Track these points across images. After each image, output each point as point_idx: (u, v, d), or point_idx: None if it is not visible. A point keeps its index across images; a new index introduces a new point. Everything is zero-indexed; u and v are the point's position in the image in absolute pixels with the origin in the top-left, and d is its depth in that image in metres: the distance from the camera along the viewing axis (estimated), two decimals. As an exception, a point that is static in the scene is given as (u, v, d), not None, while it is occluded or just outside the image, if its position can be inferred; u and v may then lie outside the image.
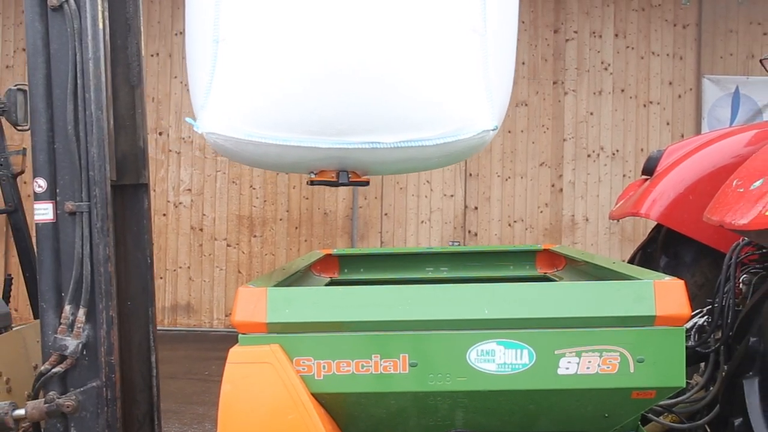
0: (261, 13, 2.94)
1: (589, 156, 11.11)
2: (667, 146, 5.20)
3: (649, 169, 5.05)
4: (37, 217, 3.28)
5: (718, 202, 3.78)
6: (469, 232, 11.13)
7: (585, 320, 2.82)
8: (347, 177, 3.28)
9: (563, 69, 11.17)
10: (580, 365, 2.80)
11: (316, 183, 3.33)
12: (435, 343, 2.82)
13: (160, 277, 10.88)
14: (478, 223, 11.14)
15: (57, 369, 3.21)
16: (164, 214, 11.05)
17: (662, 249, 4.99)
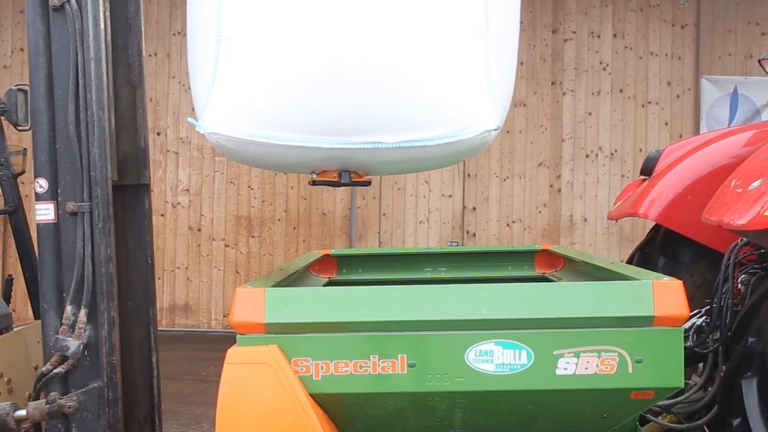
0: (263, 13, 2.94)
1: (587, 156, 11.11)
2: (666, 146, 5.21)
3: (648, 170, 5.05)
4: (38, 218, 3.28)
5: (717, 203, 3.79)
6: (468, 233, 11.13)
7: (583, 320, 2.82)
8: (349, 177, 3.28)
9: (561, 69, 11.17)
10: (578, 365, 2.80)
11: (318, 183, 3.33)
12: (433, 344, 2.82)
13: (158, 278, 10.76)
14: (477, 223, 11.13)
15: (58, 369, 3.22)
16: (162, 215, 11.03)
17: (661, 249, 4.99)
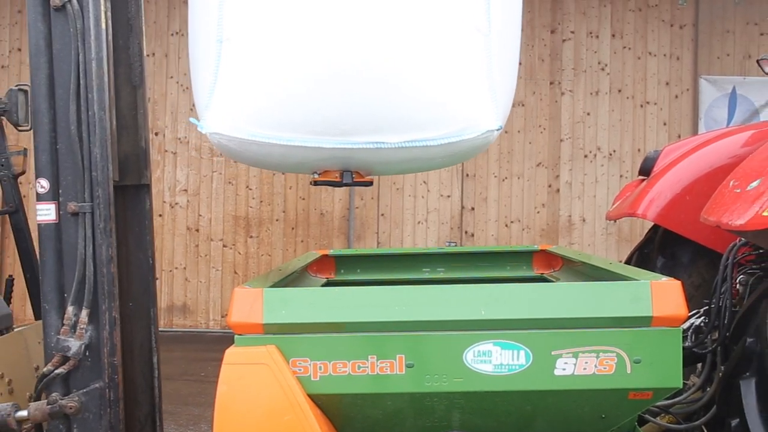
0: (265, 13, 2.95)
1: (585, 156, 11.11)
2: (664, 147, 5.21)
3: (646, 170, 5.06)
4: (39, 218, 3.28)
5: (715, 203, 3.79)
6: (466, 233, 11.12)
7: (582, 321, 2.82)
8: (351, 177, 3.28)
9: (560, 69, 11.17)
10: (576, 366, 2.80)
11: (319, 183, 3.33)
12: (431, 344, 2.82)
13: (156, 278, 10.82)
14: (475, 223, 11.13)
15: (60, 370, 3.22)
16: (160, 215, 11.00)
17: (659, 249, 4.99)
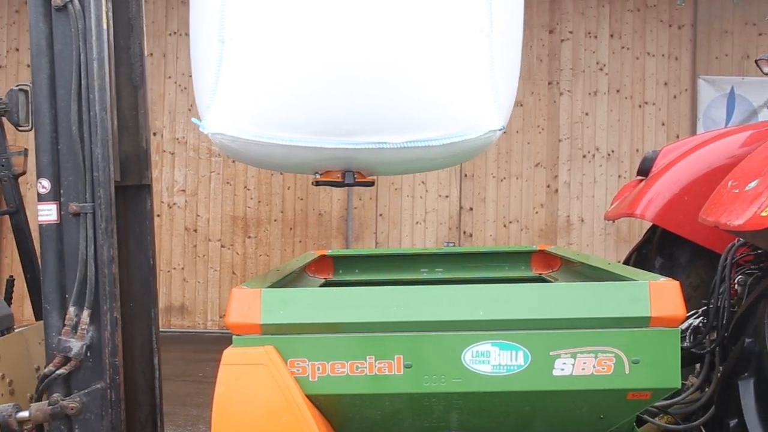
0: (267, 14, 2.95)
1: (584, 157, 11.12)
2: (663, 147, 5.22)
3: (645, 170, 5.05)
4: (40, 218, 3.27)
5: (714, 203, 3.80)
6: (464, 233, 11.13)
7: (580, 321, 2.82)
8: (353, 177, 3.28)
9: (558, 69, 11.17)
10: (575, 366, 2.80)
11: (321, 183, 3.34)
12: (430, 345, 2.82)
13: (155, 278, 10.83)
14: (473, 223, 11.13)
15: (61, 371, 3.21)
16: (158, 215, 10.96)
17: (657, 250, 4.99)
